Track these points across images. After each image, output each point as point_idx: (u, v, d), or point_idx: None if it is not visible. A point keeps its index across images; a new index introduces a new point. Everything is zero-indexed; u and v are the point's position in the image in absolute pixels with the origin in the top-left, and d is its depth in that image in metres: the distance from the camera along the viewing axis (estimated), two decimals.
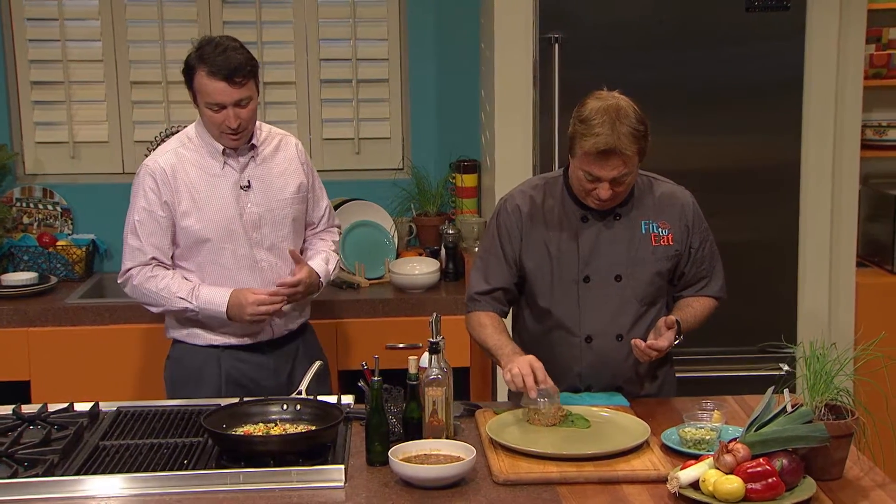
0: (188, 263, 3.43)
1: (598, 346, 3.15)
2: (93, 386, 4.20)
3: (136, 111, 4.90)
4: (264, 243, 3.44)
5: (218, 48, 3.27)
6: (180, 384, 3.50)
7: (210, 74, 3.25)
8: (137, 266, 3.39)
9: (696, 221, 3.19)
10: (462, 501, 2.51)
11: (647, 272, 3.14)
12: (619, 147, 2.92)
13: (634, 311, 3.15)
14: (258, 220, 3.43)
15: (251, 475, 2.60)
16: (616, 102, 2.97)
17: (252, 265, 3.43)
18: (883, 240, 4.75)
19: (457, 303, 4.42)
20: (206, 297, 3.35)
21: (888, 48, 4.81)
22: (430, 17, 4.89)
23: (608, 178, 2.98)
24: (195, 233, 3.38)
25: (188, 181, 3.38)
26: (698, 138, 4.24)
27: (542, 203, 3.18)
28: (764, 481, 2.41)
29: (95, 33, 4.85)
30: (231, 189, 3.41)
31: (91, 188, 4.90)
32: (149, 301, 3.42)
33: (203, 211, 3.37)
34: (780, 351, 4.44)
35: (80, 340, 4.31)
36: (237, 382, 3.44)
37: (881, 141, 4.81)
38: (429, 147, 4.97)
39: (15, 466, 2.66)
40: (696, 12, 4.22)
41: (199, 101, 3.33)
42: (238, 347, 3.46)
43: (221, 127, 3.32)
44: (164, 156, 3.42)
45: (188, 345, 3.48)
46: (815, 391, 2.60)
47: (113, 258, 4.90)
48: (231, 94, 3.27)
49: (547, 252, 3.15)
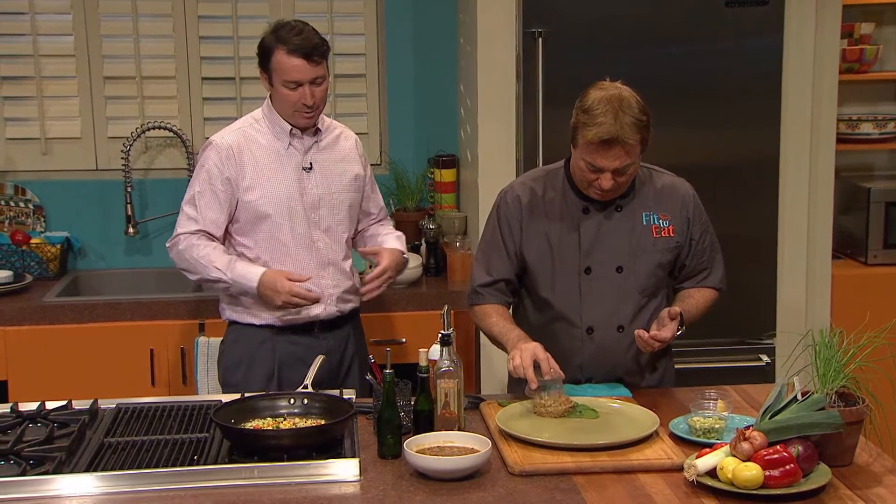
0: (247, 239, 3.51)
1: (599, 337, 3.16)
2: (72, 384, 4.14)
3: (110, 107, 4.83)
4: (322, 224, 3.54)
5: (294, 29, 3.42)
6: (232, 369, 3.56)
7: (289, 52, 3.37)
8: (186, 233, 3.48)
9: (696, 213, 3.22)
10: (481, 493, 2.51)
11: (648, 263, 3.16)
12: (622, 137, 2.93)
13: (635, 302, 3.16)
14: (317, 202, 3.52)
15: (266, 469, 2.58)
16: (619, 93, 2.98)
17: (309, 244, 3.52)
18: (856, 232, 4.82)
19: (439, 297, 4.43)
20: (240, 271, 3.43)
21: (860, 43, 4.89)
22: (408, 11, 4.88)
23: (610, 168, 2.99)
24: (256, 207, 3.46)
25: (253, 158, 3.48)
26: (679, 133, 4.26)
27: (543, 194, 3.19)
28: (782, 468, 2.44)
29: (67, 28, 4.77)
30: (294, 169, 3.51)
31: (64, 185, 4.83)
32: (188, 267, 3.50)
33: (265, 187, 3.46)
34: (759, 342, 4.54)
35: (59, 339, 4.25)
36: (290, 367, 3.49)
37: (853, 134, 4.88)
38: (406, 142, 4.95)
39: (23, 464, 2.62)
40: (678, 8, 4.26)
41: (274, 80, 3.43)
42: (293, 329, 3.52)
43: (297, 105, 3.43)
44: (230, 134, 3.53)
45: (243, 325, 3.55)
46: (825, 379, 2.63)
47: (87, 256, 4.84)
48: (309, 72, 3.39)
49: (548, 243, 3.16)
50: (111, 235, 4.84)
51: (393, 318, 4.40)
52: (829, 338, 2.65)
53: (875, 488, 2.51)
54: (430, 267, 4.64)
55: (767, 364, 4.46)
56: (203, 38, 4.83)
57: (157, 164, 4.87)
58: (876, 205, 4.75)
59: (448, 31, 4.87)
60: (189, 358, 4.23)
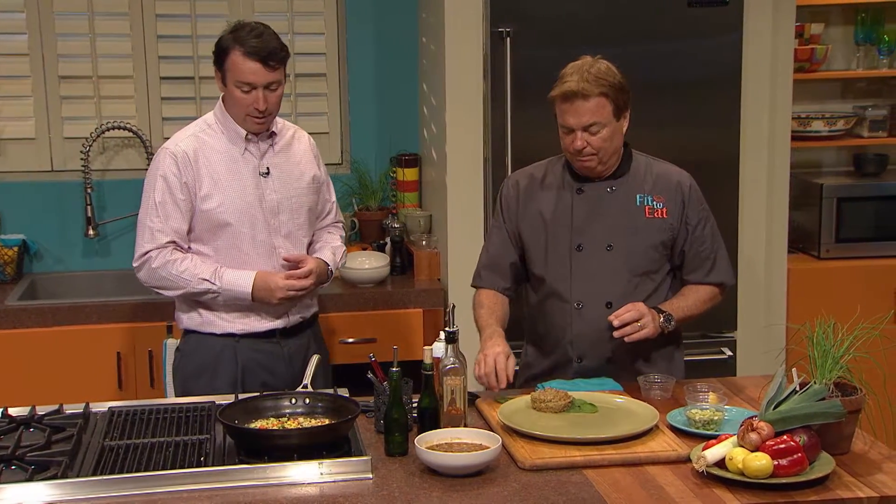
0: (206, 248, 3.41)
1: (588, 313, 3.23)
2: (38, 389, 4.10)
3: (66, 106, 4.75)
4: (282, 230, 3.45)
5: (254, 31, 3.32)
6: (192, 378, 3.46)
7: (246, 55, 3.28)
8: (156, 249, 3.35)
9: (692, 199, 3.28)
10: (496, 488, 2.53)
11: (639, 243, 3.23)
12: (583, 90, 3.07)
13: (625, 280, 3.23)
14: (277, 207, 3.44)
15: (276, 469, 2.58)
16: (590, 59, 3.18)
17: (270, 251, 3.43)
18: (808, 227, 4.94)
19: (406, 296, 4.45)
20: (230, 279, 3.35)
21: (811, 43, 5.00)
22: (368, 10, 4.88)
23: (577, 125, 3.11)
24: (216, 216, 3.36)
25: (209, 165, 3.38)
26: (643, 131, 4.27)
27: (543, 178, 3.32)
28: (790, 457, 2.50)
29: (21, 26, 4.68)
30: (251, 175, 3.42)
31: (19, 187, 4.74)
32: (166, 285, 3.37)
33: (224, 194, 3.37)
34: (721, 336, 4.63)
35: (23, 343, 4.19)
36: (253, 373, 3.43)
37: (805, 132, 5.00)
38: (368, 141, 4.95)
39: (29, 469, 2.58)
40: (643, 8, 4.33)
41: (228, 80, 3.34)
42: (254, 336, 3.44)
43: (248, 109, 3.34)
44: (184, 140, 3.41)
45: (203, 335, 3.45)
46: (823, 370, 2.70)
47: (44, 259, 4.76)
48: (264, 76, 3.30)
49: (542, 221, 3.27)
50: (69, 237, 4.77)
51: (361, 317, 4.41)
52: (826, 329, 2.72)
53: (876, 475, 2.58)
54: (396, 266, 4.64)
55: (730, 357, 4.55)
56: (161, 36, 4.77)
57: (114, 165, 4.81)
58: (828, 200, 4.88)
59: (409, 30, 4.88)
60: (157, 360, 4.19)
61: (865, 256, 4.89)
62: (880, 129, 5.10)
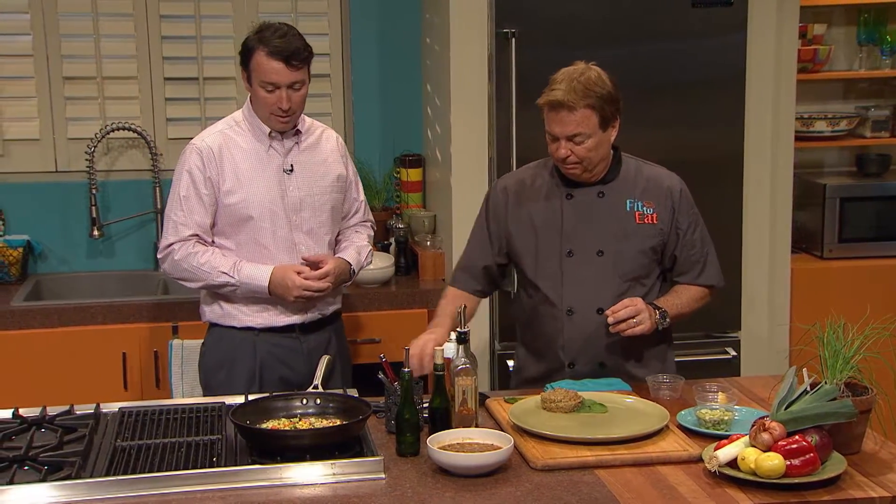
0: (228, 242, 3.47)
1: (579, 318, 3.23)
2: (44, 389, 4.10)
3: (70, 107, 4.75)
4: (303, 227, 3.50)
5: (278, 31, 3.39)
6: (213, 371, 3.53)
7: (269, 55, 3.34)
8: (179, 241, 3.43)
9: (682, 204, 3.28)
10: (509, 488, 2.54)
11: (629, 249, 3.23)
12: (569, 101, 3.06)
13: (615, 286, 3.23)
14: (299, 204, 3.49)
15: (289, 469, 2.58)
16: (582, 67, 3.15)
17: (290, 247, 3.48)
18: (811, 227, 4.95)
19: (411, 297, 4.45)
20: (248, 273, 3.41)
21: (813, 43, 5.02)
22: (372, 11, 4.89)
23: (562, 135, 3.11)
24: (238, 211, 3.43)
25: (233, 161, 3.45)
26: (646, 131, 4.33)
27: (532, 182, 3.31)
28: (802, 457, 2.51)
29: (25, 27, 4.69)
30: (275, 171, 3.48)
31: (23, 188, 4.74)
32: (188, 276, 3.45)
33: (247, 190, 3.44)
34: (725, 336, 4.64)
35: (29, 344, 4.18)
36: (271, 367, 3.48)
37: (808, 132, 5.01)
38: (372, 142, 4.96)
39: (42, 470, 2.58)
40: (648, 8, 4.34)
41: (253, 80, 3.41)
42: (274, 331, 3.49)
43: (272, 108, 3.39)
44: (210, 136, 3.49)
45: (224, 328, 3.52)
46: (834, 370, 2.71)
47: (48, 259, 4.76)
48: (287, 76, 3.35)
49: (532, 227, 3.27)
50: (73, 238, 4.77)
51: (365, 317, 4.41)
52: (837, 329, 2.73)
53: (888, 474, 2.59)
54: (401, 266, 4.65)
55: (734, 357, 4.55)
56: (165, 37, 4.77)
57: (118, 166, 4.81)
58: (831, 200, 4.89)
59: (413, 30, 4.89)
60: (162, 361, 4.19)
61: (868, 256, 4.91)
62: (883, 130, 5.11)
